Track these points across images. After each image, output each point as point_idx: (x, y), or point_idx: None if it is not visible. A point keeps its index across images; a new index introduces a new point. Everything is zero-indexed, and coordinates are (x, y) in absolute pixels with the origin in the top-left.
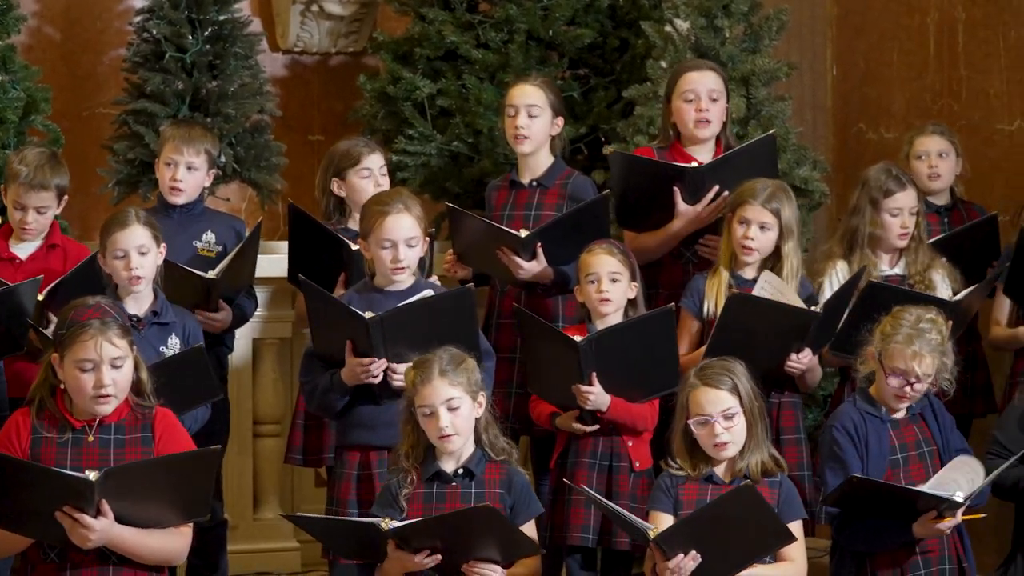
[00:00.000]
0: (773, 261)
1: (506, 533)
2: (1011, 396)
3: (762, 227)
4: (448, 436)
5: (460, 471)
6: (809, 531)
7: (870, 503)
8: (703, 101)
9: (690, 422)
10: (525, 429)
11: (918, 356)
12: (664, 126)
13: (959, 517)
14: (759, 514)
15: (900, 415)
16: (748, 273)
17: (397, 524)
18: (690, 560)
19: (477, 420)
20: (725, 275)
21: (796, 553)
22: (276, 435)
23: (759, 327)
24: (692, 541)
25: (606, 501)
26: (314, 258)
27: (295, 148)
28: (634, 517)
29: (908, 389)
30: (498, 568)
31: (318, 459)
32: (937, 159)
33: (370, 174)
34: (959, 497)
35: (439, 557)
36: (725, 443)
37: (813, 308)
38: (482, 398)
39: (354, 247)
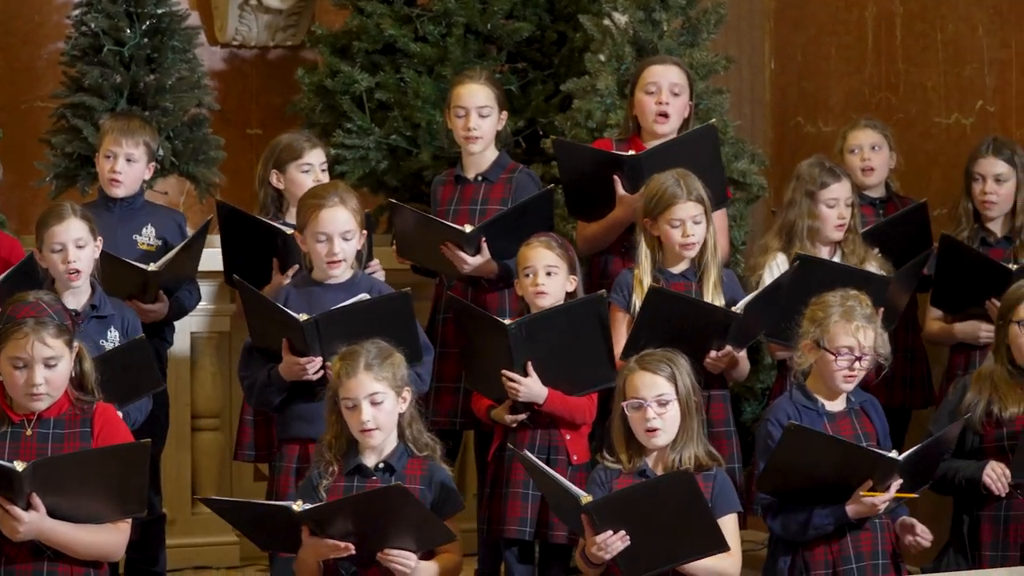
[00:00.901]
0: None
1: (419, 516)
2: (947, 391)
3: (695, 221)
4: (370, 430)
5: (381, 465)
6: (743, 523)
7: (804, 474)
8: (664, 94)
9: (624, 404)
10: (471, 423)
11: (861, 329)
12: (626, 119)
13: (892, 492)
14: (693, 505)
15: (837, 408)
16: (674, 267)
17: (309, 507)
18: (618, 540)
19: (401, 415)
20: (648, 268)
21: (732, 545)
22: (215, 429)
23: (678, 323)
24: (623, 519)
25: (543, 466)
26: (249, 252)
27: (233, 142)
28: (569, 483)
29: (857, 365)
30: (412, 555)
31: (269, 454)
32: (870, 152)
33: (310, 169)
34: (894, 454)
35: (351, 546)
36: (656, 429)
37: (734, 309)
38: (407, 393)
39: (288, 231)
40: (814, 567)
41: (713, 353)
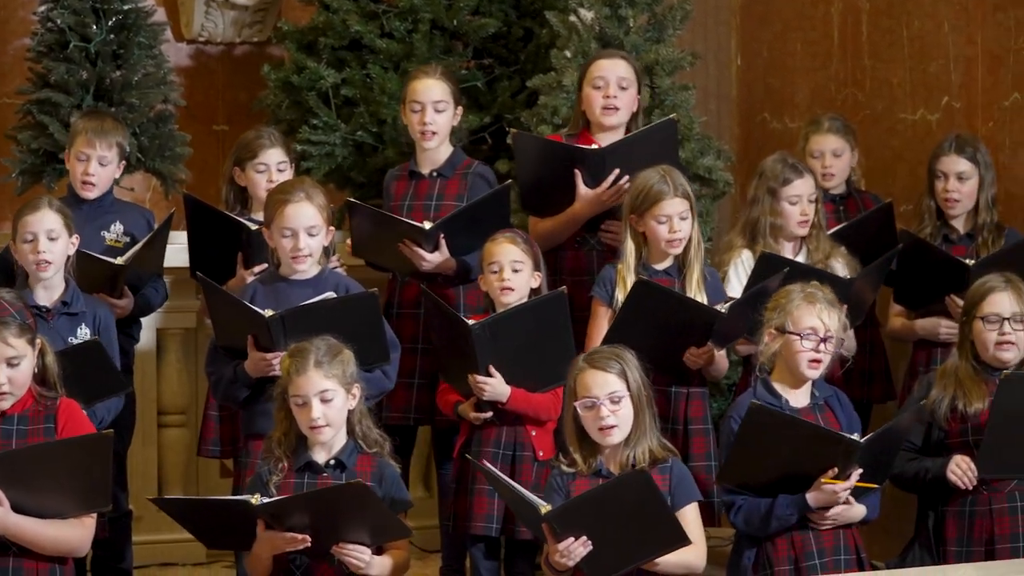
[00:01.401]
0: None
1: (377, 513)
2: (911, 387)
3: (682, 217)
4: (319, 427)
5: (332, 462)
6: (715, 521)
7: (767, 461)
8: (612, 88)
9: (576, 404)
10: (427, 419)
11: (824, 310)
12: (575, 114)
13: (853, 480)
14: (651, 503)
15: (802, 403)
16: (658, 263)
17: (267, 500)
18: (580, 545)
19: (351, 412)
20: (633, 263)
21: (695, 535)
22: (181, 425)
23: (661, 317)
24: (583, 525)
25: (504, 477)
26: (214, 246)
27: (199, 138)
28: (528, 493)
29: (822, 347)
30: (367, 550)
31: (232, 449)
32: (832, 159)
33: (266, 169)
34: (856, 437)
35: (308, 539)
36: (611, 427)
37: (720, 308)
38: (356, 390)
39: (253, 227)
40: (777, 563)
41: (693, 349)
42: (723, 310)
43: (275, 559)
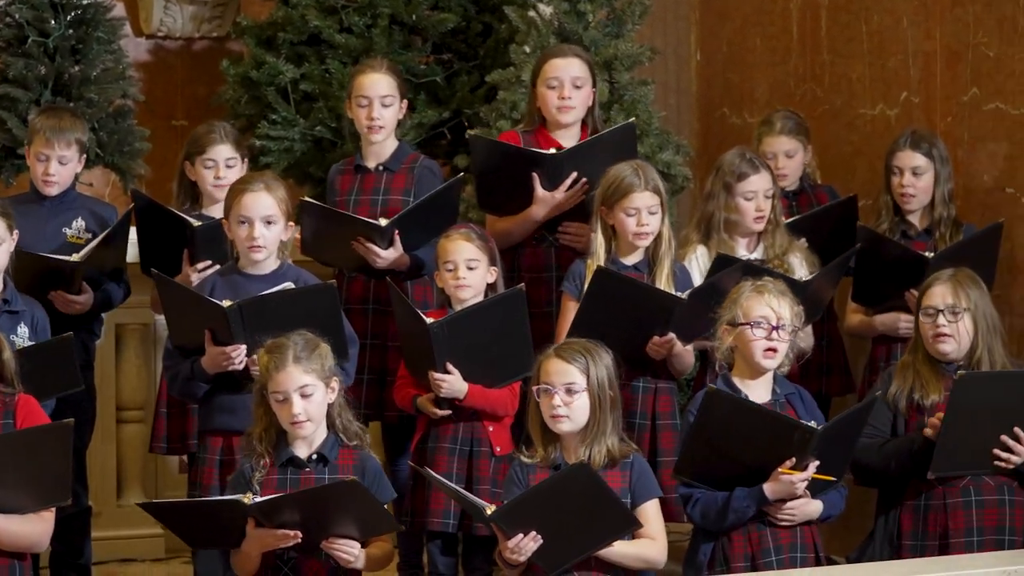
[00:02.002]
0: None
1: (367, 509)
2: (871, 382)
3: (651, 211)
4: (300, 422)
5: (313, 456)
6: (678, 516)
7: (723, 449)
8: (566, 88)
9: (534, 388)
10: (376, 415)
11: (775, 298)
12: (530, 111)
13: (811, 471)
14: (597, 494)
15: (762, 400)
16: (628, 258)
17: (260, 499)
18: (530, 540)
19: (330, 405)
20: (603, 259)
21: (656, 530)
22: (140, 421)
23: (623, 306)
24: (531, 521)
25: (447, 482)
26: (162, 241)
27: (159, 133)
28: (472, 496)
29: (775, 335)
30: (356, 544)
31: (182, 446)
32: (785, 160)
33: (214, 165)
34: (813, 424)
35: (299, 535)
36: (561, 416)
37: (679, 293)
38: (335, 383)
39: (196, 224)
40: (734, 559)
41: (656, 339)
42: (684, 296)
43: (264, 555)
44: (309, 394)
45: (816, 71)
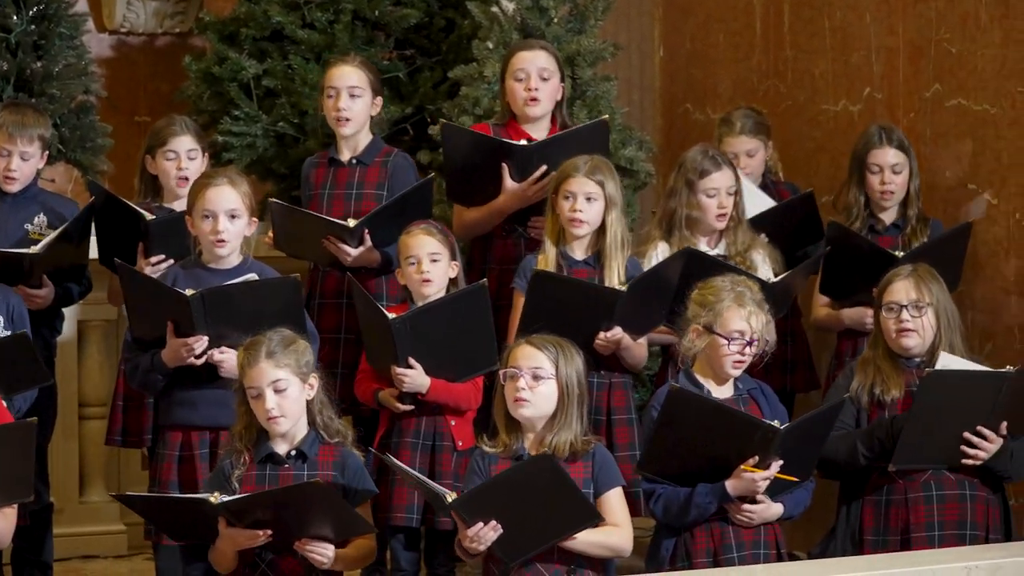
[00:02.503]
0: (599, 235)
1: (337, 510)
2: (836, 376)
3: (588, 199)
4: (275, 418)
5: (293, 453)
6: (638, 510)
7: (686, 447)
8: (533, 80)
9: (500, 372)
10: (350, 409)
11: (753, 314)
12: (502, 104)
13: (773, 470)
14: (559, 485)
15: (724, 395)
16: (578, 252)
17: (227, 499)
18: (490, 530)
19: (309, 401)
20: (553, 253)
21: (621, 518)
22: (102, 418)
23: (565, 305)
24: (491, 510)
25: (409, 470)
26: (120, 235)
27: (121, 129)
28: (434, 484)
29: (747, 350)
30: (330, 546)
31: (138, 440)
32: (746, 159)
33: (175, 156)
34: (776, 423)
35: (270, 533)
36: (524, 400)
37: (619, 287)
38: (313, 380)
39: (150, 217)
40: (696, 555)
41: (602, 334)
42: (622, 290)
43: (241, 552)
44: (283, 389)
45: (779, 67)
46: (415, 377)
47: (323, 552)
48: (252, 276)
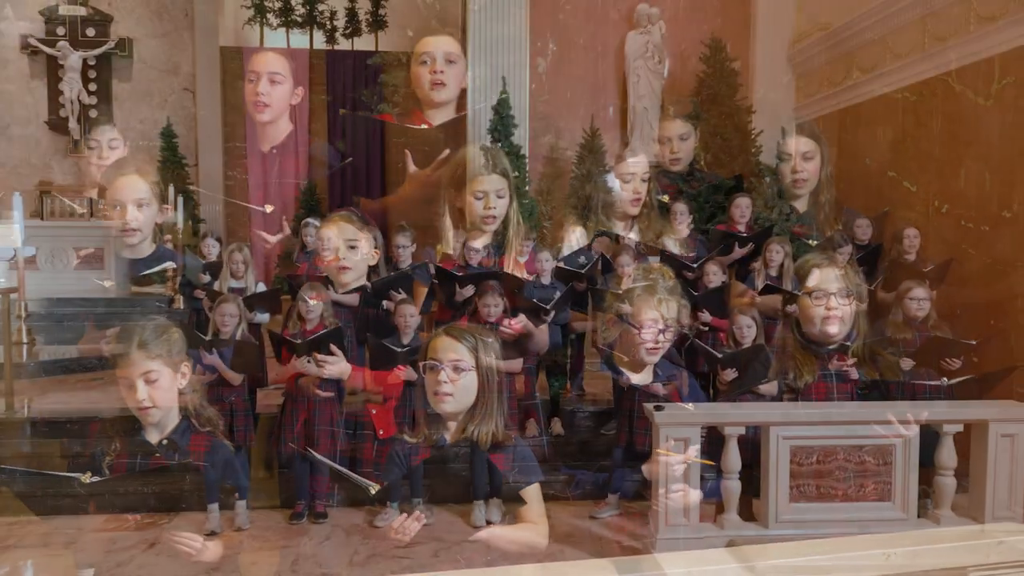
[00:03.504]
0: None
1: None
2: None
3: (499, 195)
4: (146, 408)
5: (164, 442)
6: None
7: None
8: (439, 63)
9: (421, 364)
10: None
11: (664, 302)
12: (408, 92)
13: (691, 454)
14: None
15: (644, 381)
16: (480, 242)
17: (98, 479)
18: (413, 520)
19: (181, 390)
20: (452, 242)
21: (537, 514)
22: None
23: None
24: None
25: (329, 461)
26: None
27: None
28: (357, 476)
29: (661, 337)
30: (198, 537)
31: None
32: (679, 143)
33: (97, 145)
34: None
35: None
36: (446, 394)
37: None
38: (185, 368)
39: None
40: None
41: (506, 321)
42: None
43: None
44: (154, 380)
45: None
46: (335, 363)
47: (190, 543)
48: (170, 264)
